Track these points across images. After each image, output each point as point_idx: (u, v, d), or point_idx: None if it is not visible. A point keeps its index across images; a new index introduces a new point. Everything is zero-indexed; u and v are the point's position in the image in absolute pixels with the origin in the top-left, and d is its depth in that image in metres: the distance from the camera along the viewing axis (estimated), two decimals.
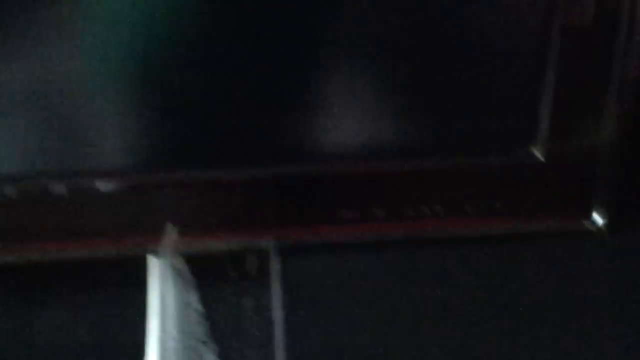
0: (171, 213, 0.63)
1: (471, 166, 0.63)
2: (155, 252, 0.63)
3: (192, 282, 0.66)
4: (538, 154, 0.62)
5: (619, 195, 0.62)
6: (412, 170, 0.63)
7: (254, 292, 0.66)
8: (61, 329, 0.63)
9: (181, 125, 0.60)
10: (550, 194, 0.63)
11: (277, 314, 0.61)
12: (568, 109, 0.60)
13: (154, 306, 0.63)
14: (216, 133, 0.61)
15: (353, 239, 0.64)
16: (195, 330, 0.63)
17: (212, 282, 0.66)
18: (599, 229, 0.63)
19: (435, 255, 0.65)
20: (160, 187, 0.62)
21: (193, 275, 0.66)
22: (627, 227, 0.64)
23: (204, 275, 0.66)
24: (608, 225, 0.63)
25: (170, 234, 0.63)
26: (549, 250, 0.64)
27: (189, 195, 0.63)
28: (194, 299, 0.65)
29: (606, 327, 0.61)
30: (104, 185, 0.61)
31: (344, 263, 0.64)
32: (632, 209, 0.64)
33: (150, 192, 0.62)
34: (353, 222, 0.64)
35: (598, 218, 0.63)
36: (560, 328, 0.61)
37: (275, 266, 0.64)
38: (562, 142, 0.61)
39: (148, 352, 0.60)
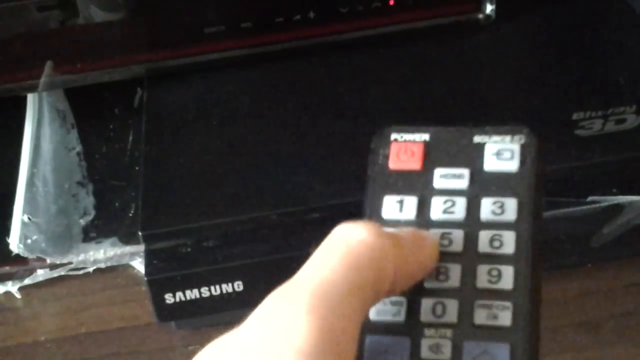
0: (50, 49, 0.60)
1: None
2: (35, 89, 0.60)
3: (73, 122, 0.63)
4: None
5: None
6: None
7: (133, 125, 0.63)
8: None
9: None
10: None
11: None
12: None
13: (26, 150, 0.61)
14: None
15: (219, 55, 0.60)
16: (72, 170, 0.61)
17: (93, 119, 0.63)
18: (487, 16, 0.57)
19: (316, 64, 0.59)
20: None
21: (74, 114, 0.64)
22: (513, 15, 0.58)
23: (85, 113, 0.64)
24: (495, 12, 0.57)
25: (50, 69, 0.60)
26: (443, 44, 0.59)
27: (67, 30, 0.59)
28: (73, 139, 0.63)
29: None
30: None
31: (212, 85, 0.60)
32: None
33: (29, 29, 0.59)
34: (219, 38, 0.59)
35: (486, 6, 0.57)
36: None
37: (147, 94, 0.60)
38: None
39: (16, 196, 0.58)
